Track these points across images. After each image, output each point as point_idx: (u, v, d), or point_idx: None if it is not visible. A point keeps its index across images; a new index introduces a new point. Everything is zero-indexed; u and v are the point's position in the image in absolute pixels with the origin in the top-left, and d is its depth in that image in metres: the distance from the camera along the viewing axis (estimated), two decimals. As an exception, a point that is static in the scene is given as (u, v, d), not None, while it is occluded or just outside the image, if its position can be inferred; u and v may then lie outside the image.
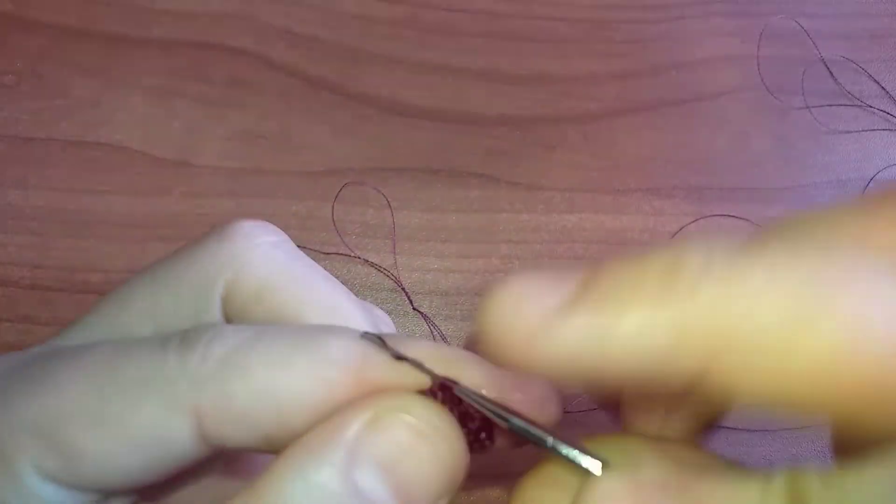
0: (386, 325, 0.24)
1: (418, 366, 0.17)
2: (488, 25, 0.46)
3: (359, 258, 0.39)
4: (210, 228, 0.21)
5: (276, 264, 0.20)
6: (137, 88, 0.42)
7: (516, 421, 0.16)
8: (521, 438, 0.16)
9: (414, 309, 0.38)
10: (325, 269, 0.33)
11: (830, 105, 0.45)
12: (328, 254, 0.39)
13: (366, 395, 0.16)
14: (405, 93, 0.43)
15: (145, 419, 0.17)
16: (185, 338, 0.17)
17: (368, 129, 0.42)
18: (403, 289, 0.38)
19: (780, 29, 0.47)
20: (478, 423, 0.17)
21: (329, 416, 0.16)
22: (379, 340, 0.17)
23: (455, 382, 0.17)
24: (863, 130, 0.44)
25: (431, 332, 0.38)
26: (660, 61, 0.46)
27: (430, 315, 0.38)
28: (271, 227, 0.21)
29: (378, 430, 0.16)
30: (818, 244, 0.14)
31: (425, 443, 0.16)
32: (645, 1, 0.47)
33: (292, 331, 0.18)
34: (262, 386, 0.16)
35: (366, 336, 0.17)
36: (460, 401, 0.17)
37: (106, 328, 0.20)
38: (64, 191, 0.39)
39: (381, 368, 0.17)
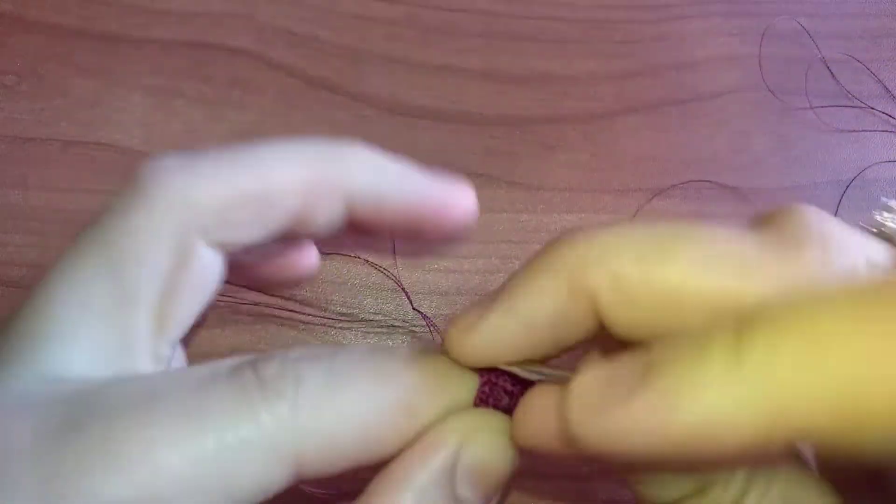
0: None
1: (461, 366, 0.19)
2: (488, 25, 0.46)
3: (359, 258, 0.39)
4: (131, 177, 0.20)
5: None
6: (137, 88, 0.42)
7: (548, 371, 0.19)
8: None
9: (414, 309, 0.38)
10: (326, 269, 0.33)
11: (831, 105, 0.45)
12: (328, 254, 0.39)
13: (443, 416, 0.18)
14: (405, 93, 0.43)
15: (248, 482, 0.16)
16: (262, 380, 0.17)
17: (368, 129, 0.42)
18: (403, 289, 0.38)
19: (780, 29, 0.47)
20: (519, 388, 0.19)
21: (416, 436, 0.18)
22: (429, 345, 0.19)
23: (491, 369, 0.19)
24: (863, 130, 0.44)
25: (431, 333, 0.38)
26: (660, 61, 0.46)
27: (429, 315, 0.38)
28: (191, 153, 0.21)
29: (468, 448, 0.18)
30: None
31: (502, 446, 0.19)
32: (645, 1, 0.47)
33: (363, 354, 0.18)
34: (358, 422, 0.17)
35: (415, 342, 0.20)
36: (497, 377, 0.19)
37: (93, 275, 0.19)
38: (64, 191, 0.39)
39: (444, 388, 0.19)
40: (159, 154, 0.21)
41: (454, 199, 0.25)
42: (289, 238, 0.23)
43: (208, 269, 0.21)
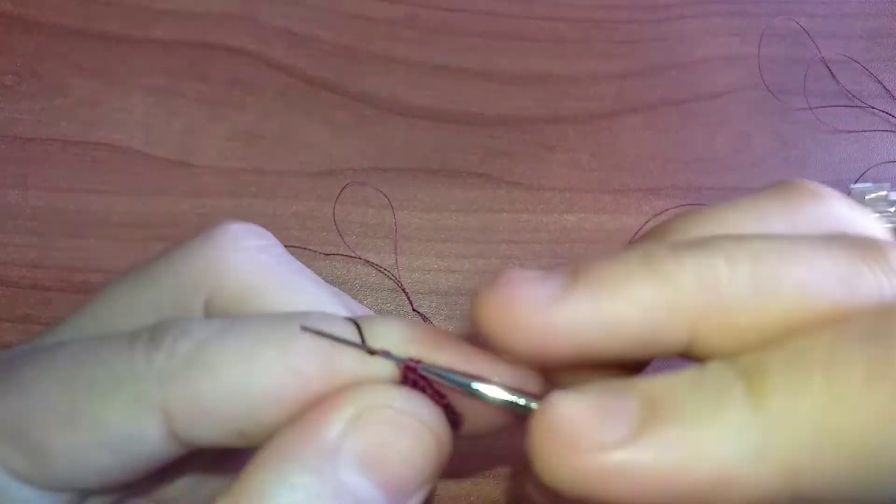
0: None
1: (385, 354, 0.17)
2: (488, 25, 0.46)
3: (359, 258, 0.39)
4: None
5: (260, 268, 0.20)
6: (137, 88, 0.42)
7: (478, 386, 0.16)
8: (493, 405, 0.17)
9: (414, 310, 0.38)
10: (326, 269, 0.33)
11: (831, 105, 0.45)
12: (328, 254, 0.39)
13: (341, 388, 0.16)
14: (405, 93, 0.43)
15: (114, 418, 0.16)
16: (153, 334, 0.17)
17: (368, 129, 0.42)
18: (403, 289, 0.38)
19: (780, 29, 0.47)
20: (447, 400, 0.17)
21: (305, 410, 0.16)
22: (348, 323, 0.17)
23: (418, 361, 0.17)
24: (863, 130, 0.44)
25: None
26: (660, 61, 0.46)
27: (430, 315, 0.38)
28: (259, 229, 0.21)
29: (360, 426, 0.16)
30: (759, 231, 0.16)
31: (408, 434, 0.16)
32: (645, 1, 0.47)
33: (262, 321, 0.17)
34: (230, 382, 0.16)
35: (329, 319, 0.17)
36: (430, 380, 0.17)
37: (88, 328, 0.20)
38: (64, 191, 0.39)
39: (351, 357, 0.17)
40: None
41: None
42: None
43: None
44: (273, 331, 0.17)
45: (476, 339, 0.17)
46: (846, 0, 0.49)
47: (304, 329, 0.16)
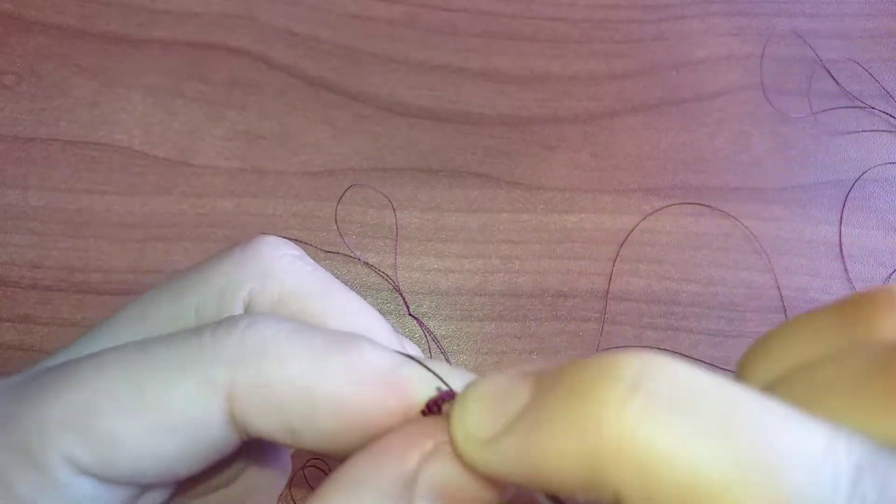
0: (410, 345, 0.24)
1: (451, 395, 0.17)
2: (488, 25, 0.46)
3: (359, 259, 0.39)
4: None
5: (300, 274, 0.21)
6: (137, 88, 0.42)
7: None
8: None
9: (409, 314, 0.38)
10: (326, 268, 0.33)
11: (831, 105, 0.45)
12: (329, 252, 0.39)
13: (415, 422, 0.17)
14: (405, 93, 0.43)
15: (181, 400, 0.17)
16: (221, 322, 0.17)
17: (368, 129, 0.42)
18: (400, 293, 0.38)
19: (780, 29, 0.47)
20: None
21: (376, 436, 0.17)
22: (417, 362, 0.18)
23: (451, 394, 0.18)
24: (863, 131, 0.44)
25: (426, 336, 0.38)
26: (660, 61, 0.46)
27: (429, 315, 0.38)
28: (291, 243, 0.22)
29: (438, 460, 0.16)
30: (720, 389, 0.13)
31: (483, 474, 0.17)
32: (645, 1, 0.47)
33: (332, 332, 0.18)
34: (297, 376, 0.17)
35: (403, 355, 0.18)
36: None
37: (130, 331, 0.20)
38: (64, 191, 0.39)
39: (414, 385, 0.17)
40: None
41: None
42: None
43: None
44: (343, 340, 0.17)
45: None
46: (846, 0, 0.49)
47: (408, 357, 0.18)
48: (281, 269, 0.20)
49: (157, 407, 0.17)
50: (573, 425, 0.14)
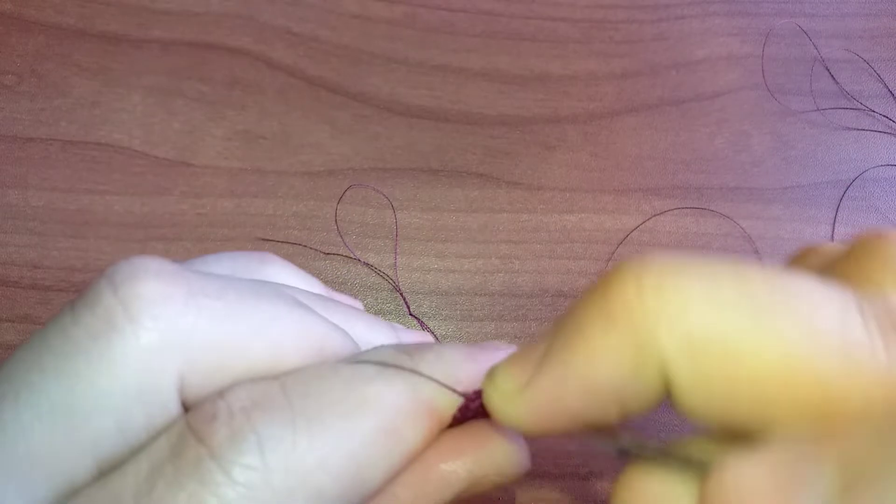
0: (405, 333, 0.25)
1: (452, 389, 0.18)
2: (488, 25, 0.46)
3: (359, 260, 0.39)
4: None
5: (219, 312, 0.16)
6: (137, 88, 0.42)
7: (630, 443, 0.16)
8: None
9: (410, 314, 0.38)
10: (326, 268, 0.33)
11: (831, 105, 0.45)
12: (328, 254, 0.39)
13: (431, 435, 0.17)
14: (405, 93, 0.43)
15: None
16: (213, 450, 0.14)
17: (368, 129, 0.42)
18: (401, 293, 0.38)
19: (780, 29, 0.47)
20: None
21: (403, 460, 0.17)
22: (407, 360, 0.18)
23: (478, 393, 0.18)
24: (863, 130, 0.44)
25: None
26: (660, 61, 0.46)
27: (430, 315, 0.38)
28: (160, 261, 0.16)
29: (478, 469, 0.18)
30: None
31: (510, 461, 0.18)
32: (645, 1, 0.47)
33: (333, 388, 0.16)
34: (338, 462, 0.15)
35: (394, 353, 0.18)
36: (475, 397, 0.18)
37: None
38: (64, 191, 0.39)
39: (437, 401, 0.18)
40: (132, 259, 0.16)
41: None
42: None
43: None
44: (360, 392, 0.16)
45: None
46: (846, 0, 0.49)
47: (404, 369, 0.18)
48: (194, 323, 0.16)
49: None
50: (603, 319, 0.14)
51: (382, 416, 0.16)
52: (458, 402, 0.18)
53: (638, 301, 0.14)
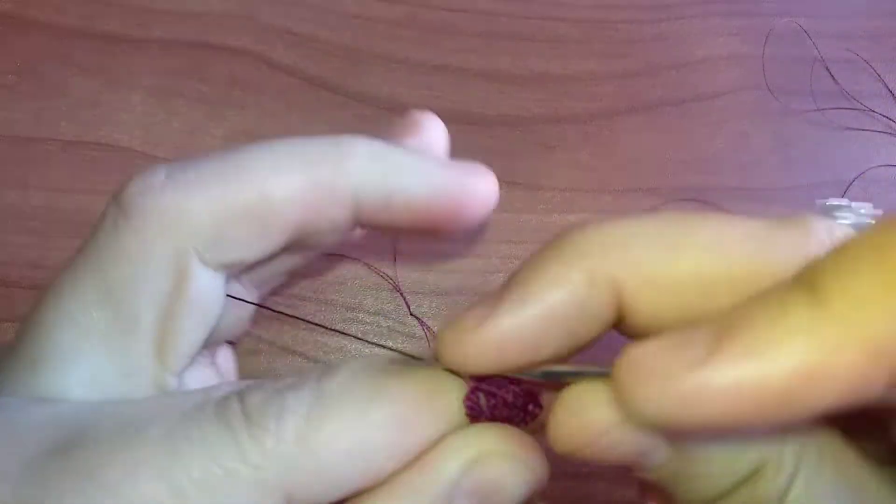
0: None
1: (454, 373, 0.18)
2: (488, 25, 0.46)
3: (359, 260, 0.39)
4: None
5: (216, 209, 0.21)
6: (137, 88, 0.42)
7: (558, 368, 0.17)
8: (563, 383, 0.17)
9: (410, 314, 0.38)
10: (325, 269, 0.33)
11: (831, 105, 0.45)
12: (328, 254, 0.39)
13: (442, 429, 0.18)
14: (405, 93, 0.43)
15: None
16: (247, 413, 0.17)
17: (368, 129, 0.42)
18: (401, 293, 0.38)
19: (780, 29, 0.47)
20: (522, 398, 0.18)
21: (413, 453, 0.17)
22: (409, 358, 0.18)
23: (487, 377, 0.18)
24: (863, 130, 0.44)
25: (426, 336, 0.38)
26: (660, 61, 0.46)
27: (429, 315, 0.38)
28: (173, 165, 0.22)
29: (475, 467, 0.17)
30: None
31: (518, 470, 0.18)
32: (645, 1, 0.47)
33: (348, 379, 0.18)
34: (348, 447, 0.17)
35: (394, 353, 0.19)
36: (498, 386, 0.18)
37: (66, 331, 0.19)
38: (64, 191, 0.39)
39: (445, 401, 0.18)
40: (145, 169, 0.20)
41: (472, 187, 0.23)
42: (295, 250, 0.22)
43: (208, 292, 0.20)
44: (372, 382, 0.17)
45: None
46: (847, 0, 0.49)
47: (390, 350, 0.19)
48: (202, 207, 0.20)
49: None
50: (556, 256, 0.18)
51: (397, 408, 0.17)
52: (463, 386, 0.18)
53: (586, 239, 0.17)
